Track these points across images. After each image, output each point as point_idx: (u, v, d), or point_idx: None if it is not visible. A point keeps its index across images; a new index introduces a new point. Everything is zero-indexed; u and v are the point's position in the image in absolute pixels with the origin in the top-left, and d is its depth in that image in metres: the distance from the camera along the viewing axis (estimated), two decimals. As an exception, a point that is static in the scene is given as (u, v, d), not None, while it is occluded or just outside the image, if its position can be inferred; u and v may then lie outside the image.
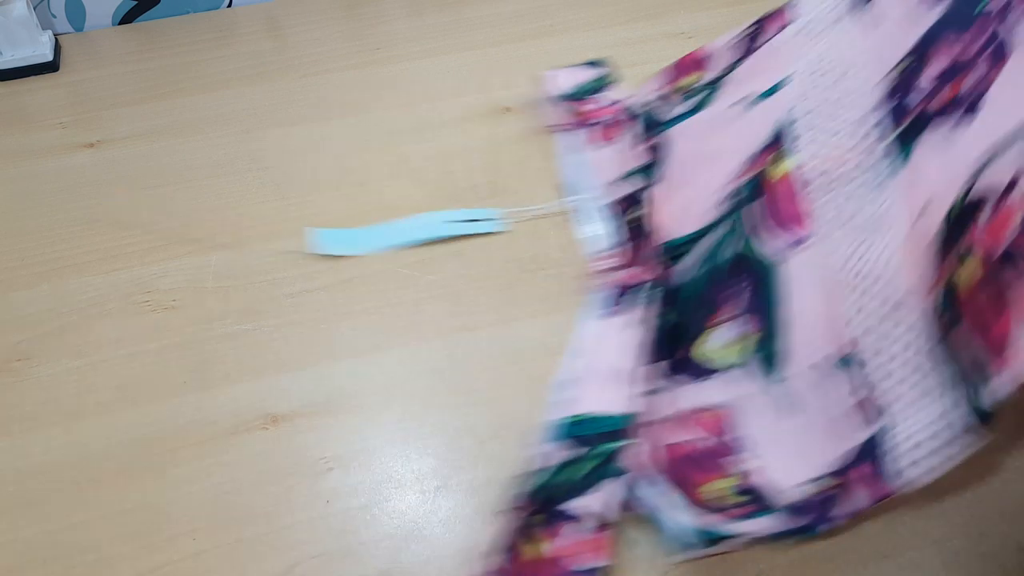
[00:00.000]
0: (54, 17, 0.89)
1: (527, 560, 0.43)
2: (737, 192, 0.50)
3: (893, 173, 0.44)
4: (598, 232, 0.58)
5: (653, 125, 0.58)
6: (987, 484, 0.47)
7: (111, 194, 0.69)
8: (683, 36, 0.84)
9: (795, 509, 0.43)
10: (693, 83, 0.57)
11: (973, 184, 0.39)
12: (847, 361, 0.44)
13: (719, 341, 0.49)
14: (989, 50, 0.42)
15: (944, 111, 0.43)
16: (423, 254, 0.62)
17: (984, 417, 0.38)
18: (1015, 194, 0.37)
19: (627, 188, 0.57)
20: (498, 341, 0.56)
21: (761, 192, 0.49)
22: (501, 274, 0.60)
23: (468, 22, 0.89)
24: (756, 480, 0.45)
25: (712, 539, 0.43)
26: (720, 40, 0.61)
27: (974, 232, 0.38)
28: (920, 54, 0.45)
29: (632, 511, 0.46)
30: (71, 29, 0.90)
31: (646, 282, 0.53)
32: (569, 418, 0.48)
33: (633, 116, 0.60)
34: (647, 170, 0.57)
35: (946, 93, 0.43)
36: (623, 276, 0.54)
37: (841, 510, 0.42)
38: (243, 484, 0.49)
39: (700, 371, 0.50)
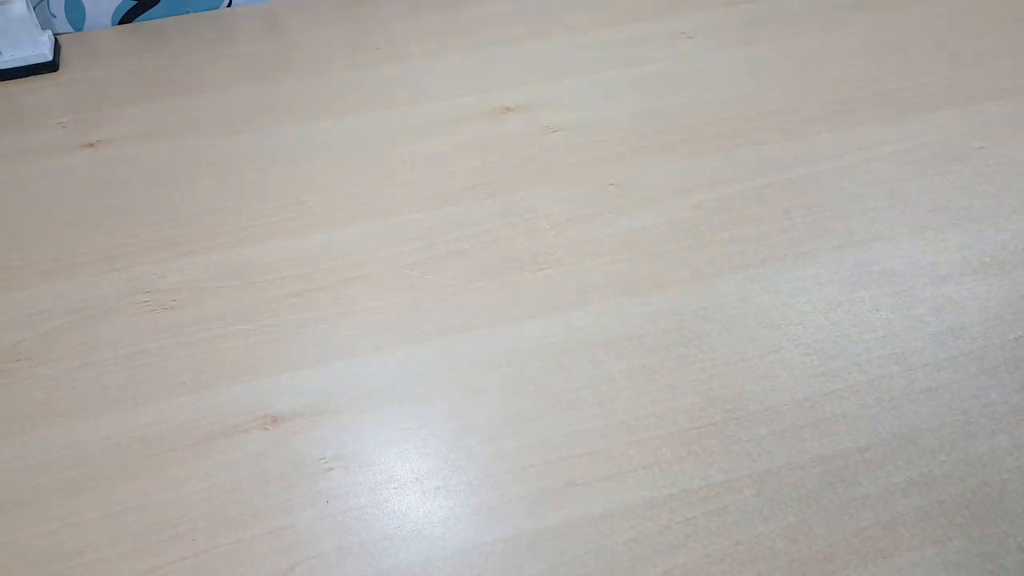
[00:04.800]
0: (54, 17, 0.89)
1: None
2: None
3: None
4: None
5: None
6: (987, 484, 0.47)
7: (111, 194, 0.69)
8: (683, 36, 0.84)
9: None
10: None
11: None
12: None
13: None
14: None
15: None
16: (423, 254, 0.62)
17: None
18: None
19: None
20: (498, 341, 0.56)
21: None
22: (501, 274, 0.60)
23: (468, 22, 0.89)
24: None
25: None
26: None
27: None
28: None
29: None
30: (71, 29, 0.90)
31: None
32: None
33: None
34: None
35: None
36: None
37: None
38: (243, 484, 0.49)
39: None
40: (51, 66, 0.83)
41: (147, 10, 0.92)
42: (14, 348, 0.57)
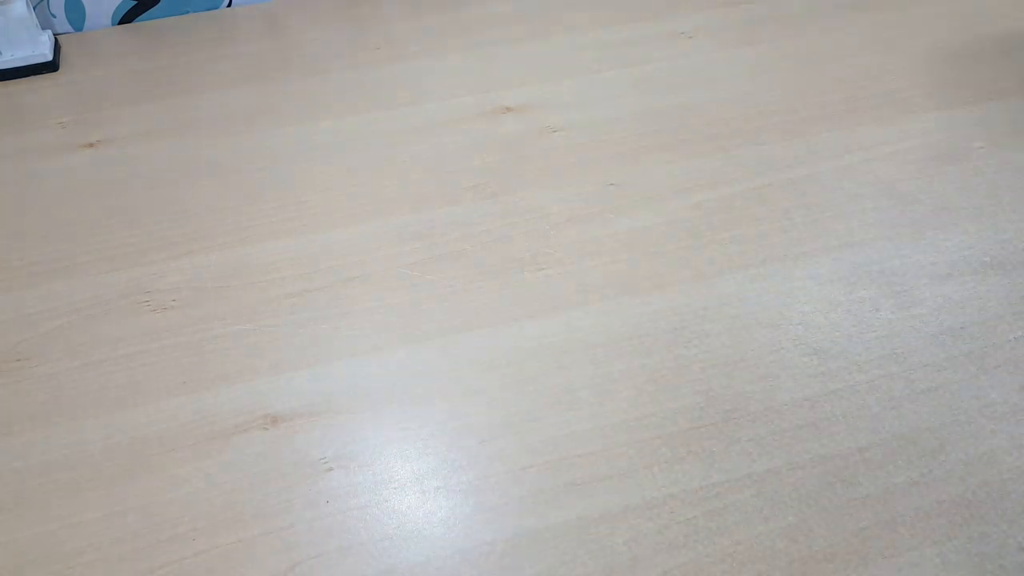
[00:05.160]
0: (54, 17, 0.89)
1: None
2: None
3: None
4: None
5: None
6: (987, 484, 0.47)
7: (111, 194, 0.69)
8: (683, 36, 0.84)
9: None
10: None
11: None
12: None
13: None
14: None
15: None
16: (423, 254, 0.62)
17: None
18: None
19: None
20: (498, 341, 0.56)
21: None
22: (501, 274, 0.60)
23: (468, 22, 0.89)
24: None
25: None
26: None
27: None
28: None
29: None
30: (71, 29, 0.90)
31: None
32: None
33: None
34: None
35: None
36: None
37: None
38: (243, 484, 0.49)
39: None
40: (51, 66, 0.83)
41: (147, 10, 0.92)
42: (14, 348, 0.57)
